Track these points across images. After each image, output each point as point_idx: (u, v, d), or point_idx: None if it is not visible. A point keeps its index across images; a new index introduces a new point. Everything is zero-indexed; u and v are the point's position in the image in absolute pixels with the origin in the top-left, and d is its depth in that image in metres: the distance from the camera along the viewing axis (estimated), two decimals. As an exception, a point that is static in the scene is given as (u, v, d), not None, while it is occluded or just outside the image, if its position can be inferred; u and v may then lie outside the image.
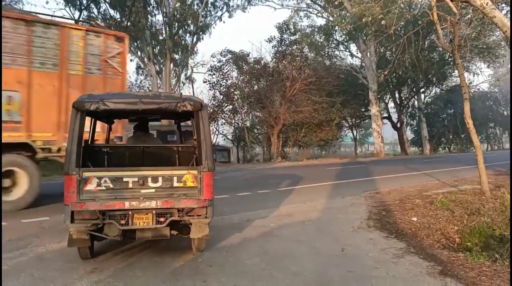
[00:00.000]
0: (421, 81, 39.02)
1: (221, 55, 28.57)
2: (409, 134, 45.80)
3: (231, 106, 29.43)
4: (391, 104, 42.29)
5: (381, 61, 35.09)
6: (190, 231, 4.49)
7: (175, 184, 4.39)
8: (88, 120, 4.85)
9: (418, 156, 36.00)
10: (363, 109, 40.28)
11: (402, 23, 32.83)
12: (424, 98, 44.48)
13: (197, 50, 27.74)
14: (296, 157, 30.25)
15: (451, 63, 36.00)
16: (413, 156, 35.06)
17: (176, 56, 26.53)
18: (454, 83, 41.86)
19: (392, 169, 17.49)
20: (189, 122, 6.65)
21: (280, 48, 28.71)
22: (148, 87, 28.77)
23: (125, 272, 4.10)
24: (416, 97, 41.55)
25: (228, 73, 28.88)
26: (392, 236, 5.67)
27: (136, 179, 4.31)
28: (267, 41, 29.22)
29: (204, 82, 29.24)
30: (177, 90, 26.92)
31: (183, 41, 25.67)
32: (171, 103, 4.51)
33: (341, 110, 29.09)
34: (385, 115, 40.02)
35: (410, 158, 30.94)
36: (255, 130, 30.89)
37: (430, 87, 42.90)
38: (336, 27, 33.12)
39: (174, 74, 27.18)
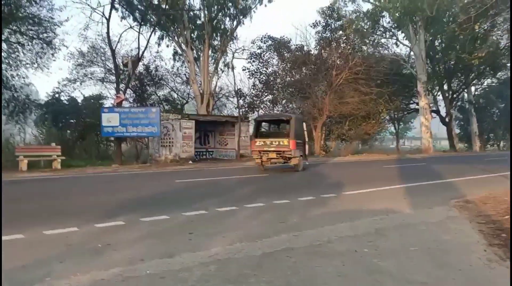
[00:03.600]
0: (472, 72, 36.26)
1: (262, 42, 26.95)
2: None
3: (270, 96, 27.83)
4: (438, 97, 39.61)
5: (429, 51, 32.69)
6: (291, 161, 13.60)
7: (281, 143, 13.30)
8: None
9: (469, 153, 33.36)
10: (405, 102, 37.86)
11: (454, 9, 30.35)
12: (475, 91, 41.47)
13: (236, 35, 26.22)
14: (338, 151, 28.42)
15: (506, 53, 33.12)
16: (464, 153, 32.53)
17: (215, 42, 25.06)
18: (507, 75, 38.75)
19: (458, 169, 15.51)
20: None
21: (325, 34, 26.79)
22: (185, 75, 27.51)
23: None
24: (466, 89, 38.76)
25: (269, 60, 27.24)
26: (552, 278, 3.93)
27: (270, 141, 13.57)
28: (311, 26, 27.34)
29: (243, 70, 27.77)
30: (215, 77, 25.54)
31: (222, 25, 24.14)
32: (283, 117, 15.45)
33: (388, 102, 26.95)
34: (433, 108, 37.46)
35: (465, 155, 28.58)
36: (295, 122, 29.19)
37: (482, 79, 39.71)
38: (384, 13, 30.96)
39: (213, 61, 25.77)
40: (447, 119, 36.48)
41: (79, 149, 23.70)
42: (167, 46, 26.78)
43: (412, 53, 30.84)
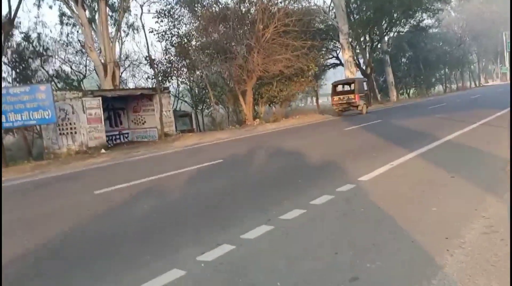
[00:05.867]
0: (387, 22, 35.63)
1: (169, -4, 22.67)
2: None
3: (186, 61, 23.91)
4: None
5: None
6: (357, 108, 21.72)
7: (349, 97, 21.63)
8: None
9: (393, 104, 32.76)
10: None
11: None
12: (388, 40, 41.15)
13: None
14: (267, 117, 25.67)
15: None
16: (389, 105, 31.79)
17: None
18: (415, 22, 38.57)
19: (427, 123, 13.51)
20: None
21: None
22: (79, 42, 22.38)
23: None
24: (380, 39, 38.10)
25: (180, 19, 23.14)
26: None
27: (342, 97, 22.07)
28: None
29: (150, 32, 23.32)
30: (118, 41, 20.95)
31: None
32: (349, 81, 23.42)
33: (317, 57, 24.63)
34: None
35: (396, 107, 27.66)
36: (218, 88, 25.74)
37: (394, 28, 39.17)
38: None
39: (113, 22, 21.03)
40: (368, 71, 35.50)
41: None
42: (50, 7, 21.57)
43: (333, 2, 28.67)
